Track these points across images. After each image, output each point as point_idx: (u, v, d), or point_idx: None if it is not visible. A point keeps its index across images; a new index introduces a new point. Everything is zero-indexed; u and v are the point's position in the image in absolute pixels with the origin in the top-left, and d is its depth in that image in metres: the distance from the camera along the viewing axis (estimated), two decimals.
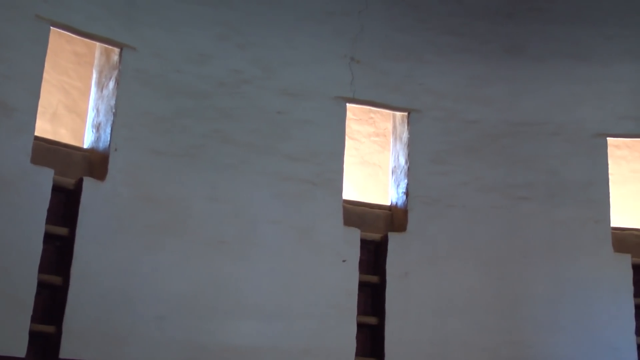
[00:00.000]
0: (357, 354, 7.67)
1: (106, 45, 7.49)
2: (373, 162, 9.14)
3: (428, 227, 8.12)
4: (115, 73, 7.41)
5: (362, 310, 7.86)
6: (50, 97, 7.89)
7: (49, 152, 7.11)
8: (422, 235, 8.09)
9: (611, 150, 8.59)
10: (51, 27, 7.08)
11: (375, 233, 8.14)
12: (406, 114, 8.44)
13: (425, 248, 8.07)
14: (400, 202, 8.28)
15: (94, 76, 7.69)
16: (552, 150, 8.43)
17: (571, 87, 8.55)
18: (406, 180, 8.26)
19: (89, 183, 7.01)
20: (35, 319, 6.57)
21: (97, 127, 7.42)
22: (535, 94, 8.56)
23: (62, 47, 8.03)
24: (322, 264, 7.75)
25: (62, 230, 6.92)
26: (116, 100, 7.30)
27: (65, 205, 7.03)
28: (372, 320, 7.89)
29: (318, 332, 7.56)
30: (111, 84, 7.41)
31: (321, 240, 7.80)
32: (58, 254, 6.91)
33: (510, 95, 8.56)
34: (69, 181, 7.03)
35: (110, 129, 7.25)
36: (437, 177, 8.26)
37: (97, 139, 7.38)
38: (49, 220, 6.78)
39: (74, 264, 6.79)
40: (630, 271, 8.14)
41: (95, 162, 7.31)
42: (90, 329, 6.78)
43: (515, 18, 8.49)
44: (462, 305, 7.97)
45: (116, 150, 7.19)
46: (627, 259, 8.17)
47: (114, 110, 7.29)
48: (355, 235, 7.92)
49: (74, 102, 8.08)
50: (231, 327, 7.33)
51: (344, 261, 7.82)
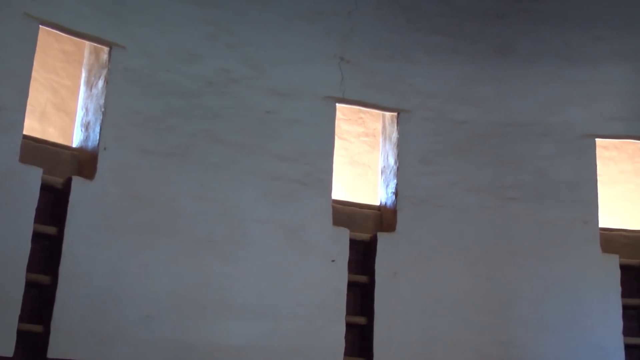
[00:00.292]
0: (346, 354, 7.67)
1: (95, 44, 7.47)
2: (362, 162, 9.15)
3: (417, 227, 8.14)
4: (105, 72, 7.38)
5: (351, 310, 7.86)
6: (39, 96, 7.86)
7: (37, 151, 7.08)
8: (411, 235, 8.10)
9: (599, 151, 8.62)
10: (40, 26, 7.05)
11: (365, 233, 8.15)
12: (396, 114, 8.45)
13: (414, 248, 8.08)
14: (389, 202, 8.29)
15: (83, 75, 7.66)
16: (540, 151, 8.45)
17: (560, 88, 8.58)
18: (395, 181, 8.26)
19: (77, 182, 6.99)
20: (23, 318, 6.54)
21: (86, 126, 7.40)
22: (524, 95, 8.58)
23: (51, 45, 8.00)
24: (311, 264, 7.75)
25: (51, 230, 6.90)
26: (105, 99, 7.28)
27: (53, 205, 7.00)
28: (361, 320, 7.90)
29: (307, 332, 7.57)
30: (100, 83, 7.39)
31: (310, 240, 7.80)
32: (46, 253, 6.89)
33: (499, 96, 8.58)
34: (57, 180, 7.01)
35: (99, 128, 7.23)
36: (426, 178, 8.28)
37: (86, 138, 7.36)
38: (38, 219, 6.76)
39: (62, 263, 6.77)
40: (618, 272, 8.17)
41: (84, 161, 7.29)
42: (78, 329, 6.76)
43: (504, 19, 8.51)
44: (450, 305, 7.99)
45: (105, 149, 7.17)
46: (615, 260, 8.21)
47: (103, 109, 7.27)
48: (344, 235, 7.93)
49: (63, 101, 8.05)
50: (220, 327, 7.32)
51: (333, 261, 7.82)
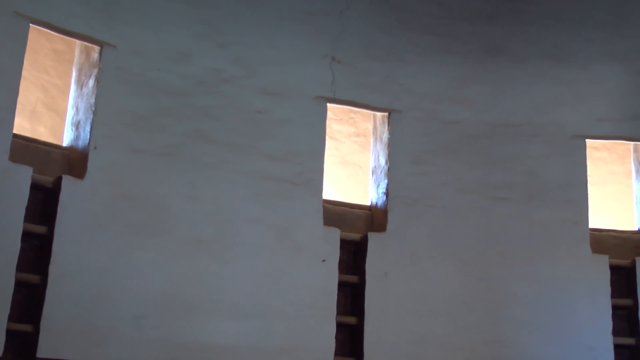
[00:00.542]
0: (336, 354, 7.67)
1: (86, 43, 7.45)
2: (353, 162, 9.15)
3: (408, 228, 8.15)
4: (95, 71, 7.37)
5: (342, 310, 7.87)
6: (29, 95, 7.84)
7: (27, 150, 7.06)
8: (402, 235, 8.11)
9: (590, 152, 8.64)
10: (30, 24, 7.03)
11: (355, 233, 8.15)
12: (387, 114, 8.45)
13: (405, 248, 8.09)
14: (380, 203, 8.30)
15: (74, 74, 7.64)
16: (531, 152, 8.47)
17: (550, 89, 8.60)
18: (386, 181, 8.27)
19: (68, 181, 6.98)
20: (12, 317, 6.52)
21: (77, 125, 7.38)
22: (514, 96, 8.60)
23: (41, 44, 7.98)
24: (302, 264, 7.75)
25: (41, 229, 6.87)
26: (96, 98, 7.27)
27: (43, 204, 6.98)
28: (351, 320, 7.90)
29: (297, 332, 7.57)
30: (91, 82, 7.37)
31: (301, 240, 7.80)
32: (36, 252, 6.87)
33: (490, 96, 8.59)
34: (47, 179, 6.99)
35: (89, 127, 7.21)
36: (417, 178, 8.29)
37: (77, 137, 7.34)
38: (27, 218, 6.73)
39: (52, 262, 6.75)
40: (608, 272, 8.19)
41: (74, 161, 7.27)
42: (68, 328, 6.75)
43: (495, 20, 8.53)
44: (440, 305, 8.00)
45: (95, 148, 7.15)
46: (604, 260, 8.23)
47: (93, 108, 7.25)
48: (335, 235, 7.93)
49: (53, 99, 8.03)
50: (210, 327, 7.31)
51: (324, 261, 7.82)
